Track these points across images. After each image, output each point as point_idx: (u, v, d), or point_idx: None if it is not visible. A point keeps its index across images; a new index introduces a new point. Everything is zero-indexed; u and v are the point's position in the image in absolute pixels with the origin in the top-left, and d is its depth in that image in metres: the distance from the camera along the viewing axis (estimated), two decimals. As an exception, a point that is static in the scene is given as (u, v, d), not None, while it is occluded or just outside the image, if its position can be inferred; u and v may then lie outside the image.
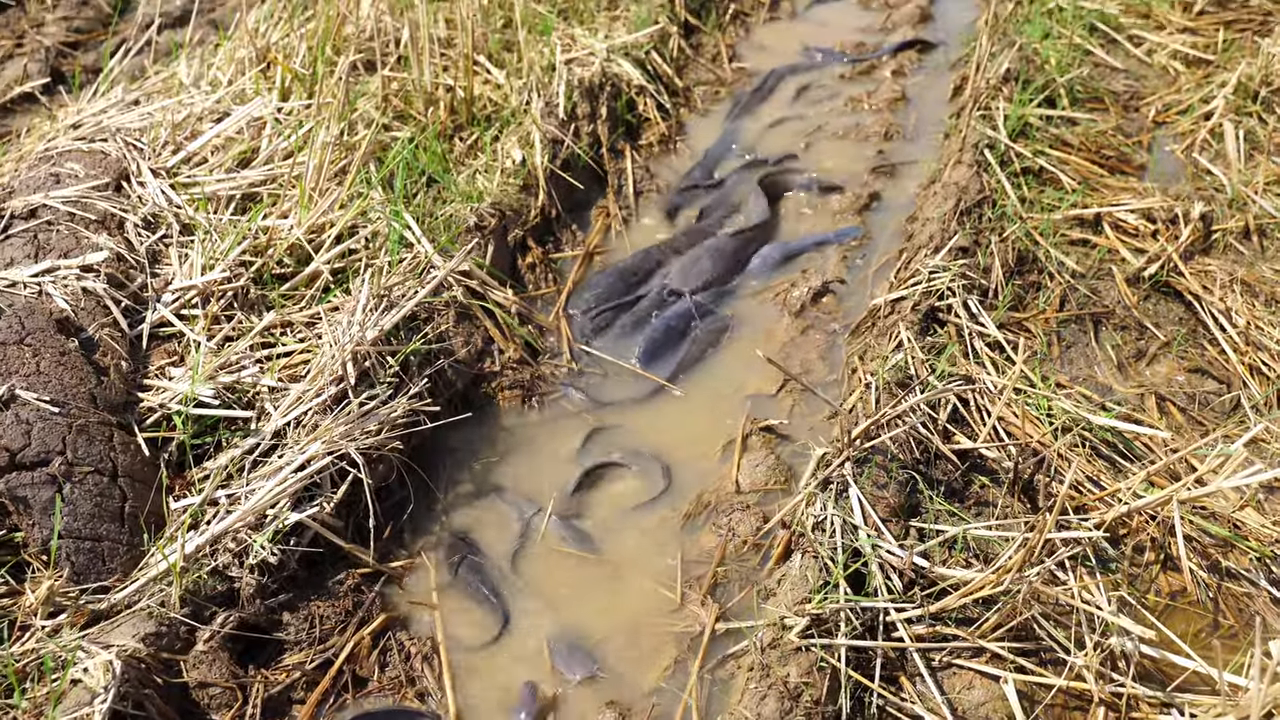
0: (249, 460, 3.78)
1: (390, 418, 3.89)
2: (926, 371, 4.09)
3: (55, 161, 4.92)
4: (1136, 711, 3.21)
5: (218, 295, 4.34)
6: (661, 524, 3.94)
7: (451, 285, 4.51)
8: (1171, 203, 5.09)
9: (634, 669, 3.47)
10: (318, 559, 3.71)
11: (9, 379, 3.71)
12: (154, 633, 3.33)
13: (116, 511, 3.61)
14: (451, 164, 5.23)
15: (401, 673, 3.46)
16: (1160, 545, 3.68)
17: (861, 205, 5.50)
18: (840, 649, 3.22)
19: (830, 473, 3.69)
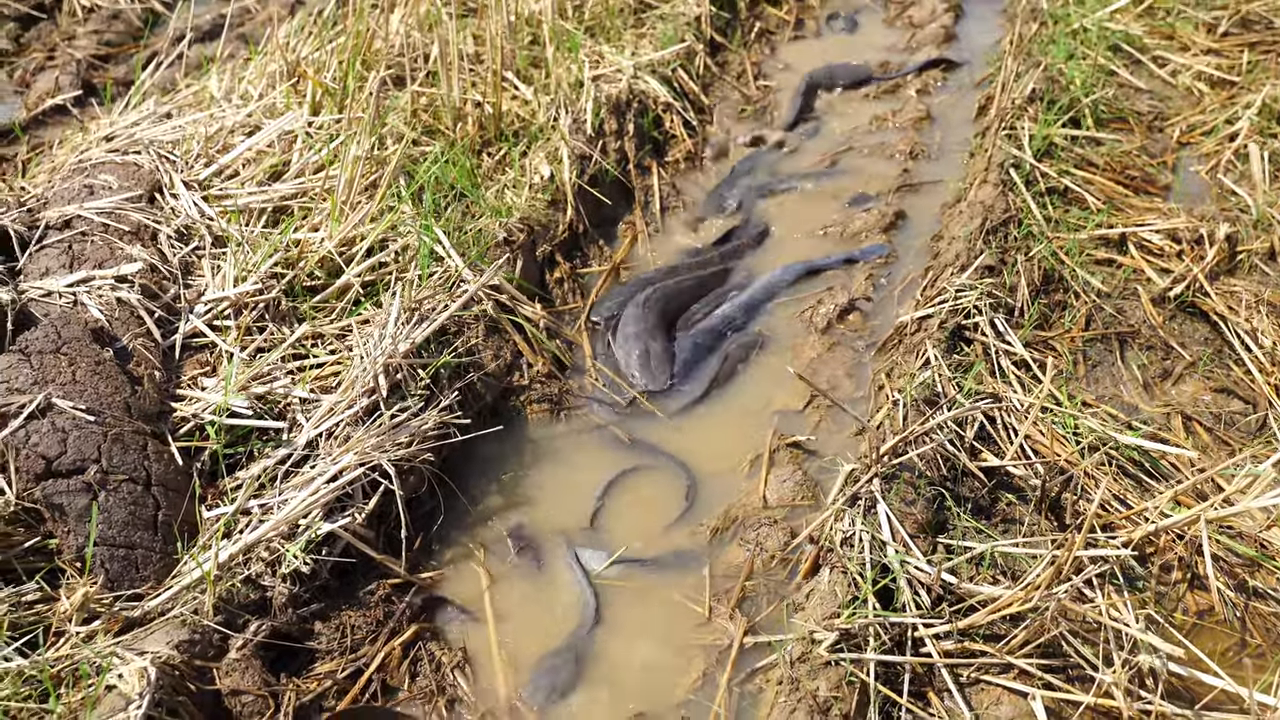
0: (281, 470, 3.81)
1: (421, 430, 3.92)
2: (953, 389, 4.10)
3: (89, 173, 4.96)
4: (1164, 728, 3.21)
5: (250, 307, 4.38)
6: (689, 539, 3.95)
7: (481, 299, 4.54)
8: (1197, 223, 5.09)
9: (664, 680, 3.48)
10: (349, 569, 3.73)
11: (46, 388, 3.74)
12: (187, 640, 3.35)
13: (150, 520, 3.63)
14: (480, 179, 5.26)
15: (432, 682, 3.48)
16: (1187, 564, 3.68)
17: (887, 224, 5.51)
18: (869, 663, 3.23)
19: (858, 489, 3.70)
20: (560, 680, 3.46)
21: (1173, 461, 4.02)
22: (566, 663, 3.51)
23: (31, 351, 3.85)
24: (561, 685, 3.45)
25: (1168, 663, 3.27)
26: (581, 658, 3.52)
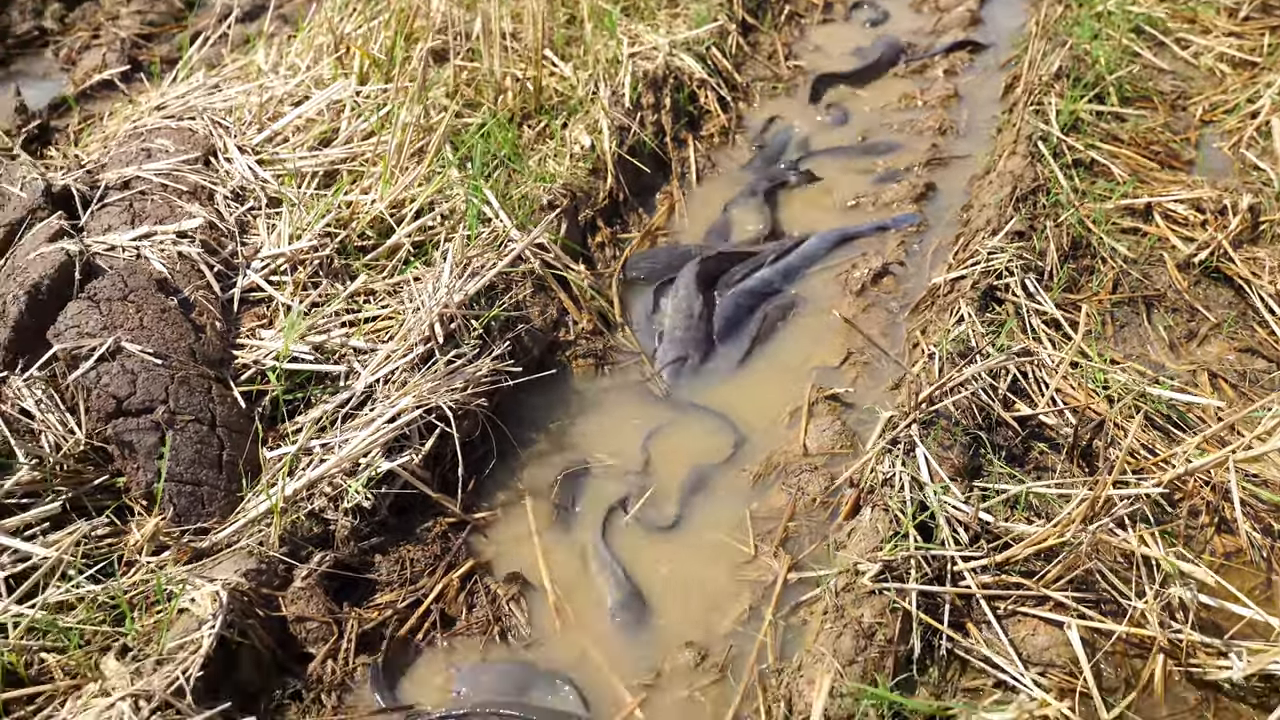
0: (340, 414, 3.94)
1: (475, 376, 4.05)
2: (986, 344, 4.21)
3: (145, 138, 5.10)
4: (1194, 658, 3.32)
5: (305, 263, 4.51)
6: (733, 484, 4.08)
7: (529, 258, 4.66)
8: (1220, 194, 5.20)
9: (711, 614, 3.60)
10: (407, 508, 3.86)
11: (115, 332, 3.87)
12: (254, 569, 3.48)
13: (215, 459, 3.77)
14: (521, 150, 5.38)
15: (489, 613, 3.60)
16: (1215, 508, 3.79)
17: (918, 194, 5.63)
18: (911, 593, 3.35)
19: (897, 433, 3.82)
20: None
21: (1199, 414, 4.12)
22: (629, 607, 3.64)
23: (100, 299, 3.99)
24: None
25: (1198, 594, 3.38)
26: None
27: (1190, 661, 3.33)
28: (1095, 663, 3.30)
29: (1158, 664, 3.33)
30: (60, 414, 3.84)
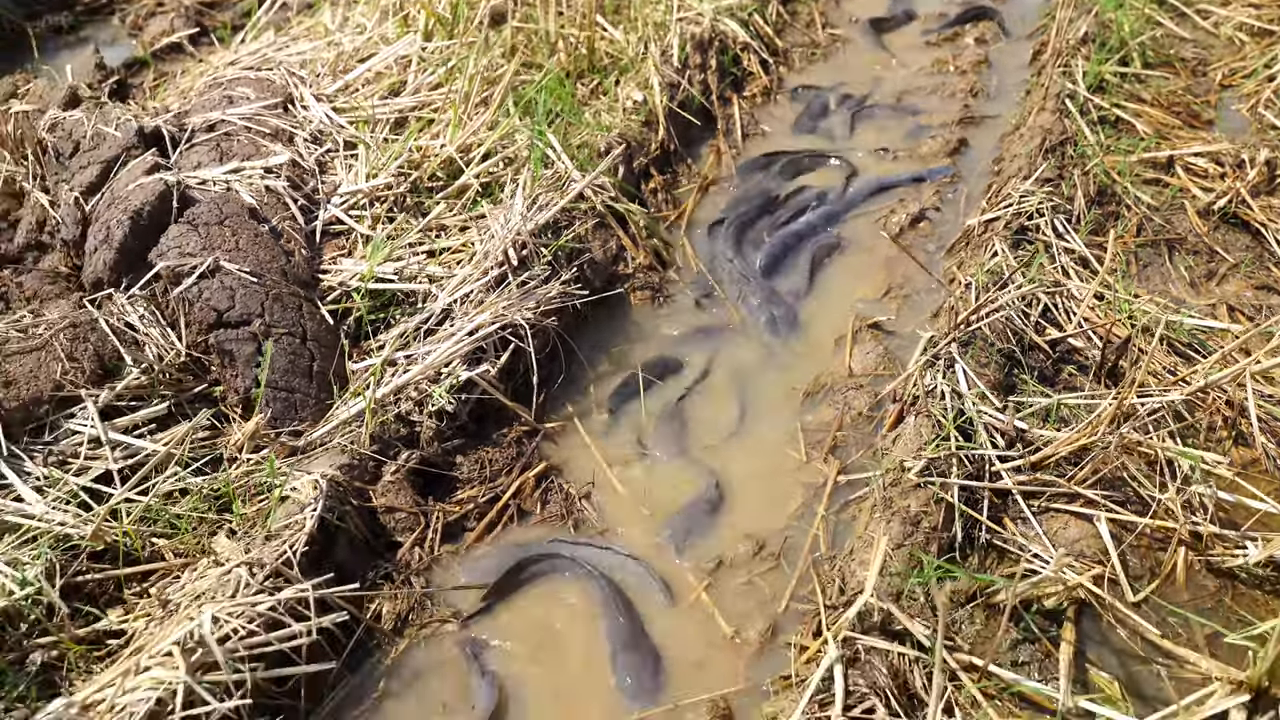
0: (421, 331, 4.22)
1: (546, 296, 4.33)
2: (1020, 276, 4.47)
3: (226, 87, 5.38)
4: (1213, 549, 3.57)
5: (381, 200, 4.78)
6: (785, 401, 4.35)
7: (590, 196, 4.94)
8: (1239, 149, 5.45)
9: (767, 511, 3.87)
10: (484, 416, 4.14)
11: (214, 253, 4.16)
12: (347, 464, 3.76)
13: (306, 369, 4.05)
14: (577, 104, 5.66)
15: (561, 508, 3.88)
16: (1232, 423, 4.03)
17: (951, 149, 5.89)
18: (953, 487, 3.61)
19: (938, 350, 4.08)
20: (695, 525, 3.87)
21: (1218, 342, 4.37)
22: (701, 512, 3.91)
23: (198, 223, 4.27)
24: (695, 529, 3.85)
25: (1217, 491, 3.64)
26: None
27: (1209, 552, 3.58)
28: (1122, 552, 3.54)
29: (1179, 555, 3.58)
30: (161, 328, 4.12)
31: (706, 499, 3.91)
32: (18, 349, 3.84)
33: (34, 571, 3.29)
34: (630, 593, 3.56)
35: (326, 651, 3.30)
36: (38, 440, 3.75)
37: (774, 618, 3.50)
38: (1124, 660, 3.31)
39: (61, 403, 3.84)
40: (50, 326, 3.96)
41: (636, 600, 3.55)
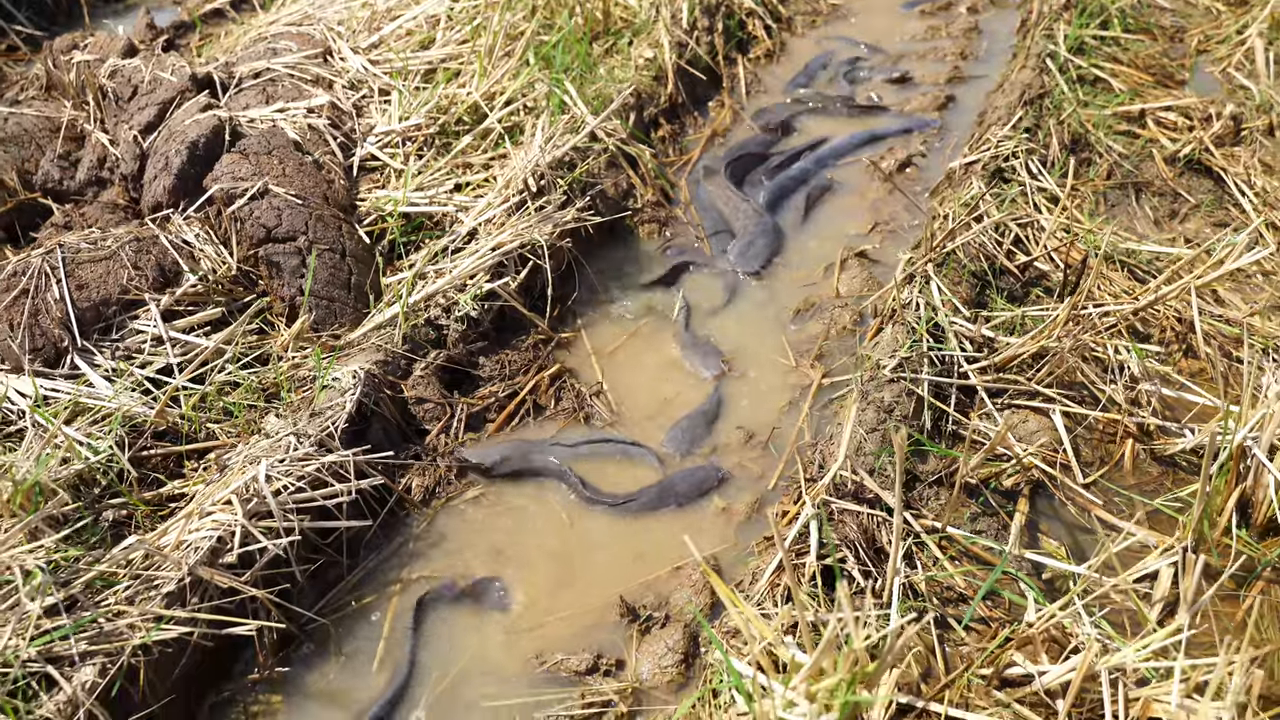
0: (448, 250, 4.61)
1: (562, 220, 4.71)
2: (995, 210, 4.84)
3: (270, 41, 5.78)
4: (1157, 440, 3.94)
5: (412, 139, 5.17)
6: (776, 317, 4.73)
7: (603, 138, 5.33)
8: (1206, 104, 5.81)
9: (757, 408, 4.26)
10: (504, 324, 4.53)
11: (263, 177, 4.55)
12: (382, 360, 4.15)
13: (345, 281, 4.44)
14: (592, 62, 6.05)
15: (574, 404, 4.27)
16: (1182, 337, 4.40)
17: (939, 105, 6.27)
18: (924, 382, 3.98)
19: (915, 269, 4.46)
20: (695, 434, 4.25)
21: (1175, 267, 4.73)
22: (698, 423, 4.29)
23: (249, 152, 4.66)
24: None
25: (1161, 388, 4.01)
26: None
27: (1153, 443, 3.95)
28: (1075, 442, 3.91)
29: (1126, 446, 3.95)
30: (215, 245, 4.51)
31: (704, 410, 4.27)
32: (89, 258, 4.24)
33: (106, 444, 3.68)
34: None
35: (364, 513, 3.69)
36: (106, 337, 4.15)
37: (761, 493, 3.88)
38: (1071, 531, 3.68)
39: (127, 305, 4.23)
40: (118, 240, 4.36)
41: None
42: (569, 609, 3.50)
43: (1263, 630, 3.36)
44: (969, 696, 3.11)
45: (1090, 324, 4.08)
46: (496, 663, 3.35)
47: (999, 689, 3.11)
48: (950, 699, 3.05)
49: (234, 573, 3.29)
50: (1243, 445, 3.56)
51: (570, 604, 3.52)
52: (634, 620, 3.44)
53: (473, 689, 3.27)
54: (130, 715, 3.06)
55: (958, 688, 3.10)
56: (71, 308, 4.08)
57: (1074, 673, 2.98)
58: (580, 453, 4.01)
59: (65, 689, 2.98)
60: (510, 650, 3.37)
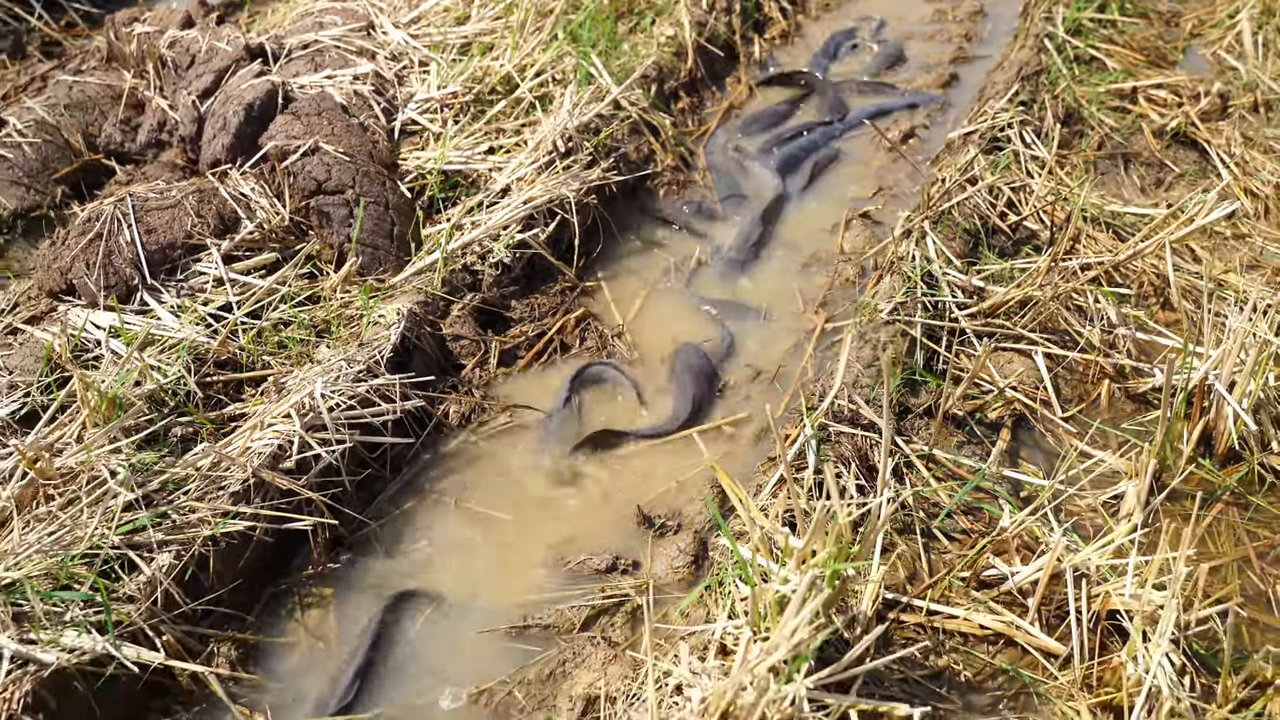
0: (483, 205, 4.97)
1: (588, 178, 5.07)
2: (989, 174, 5.17)
3: (316, 15, 6.14)
4: (1131, 380, 4.27)
5: (449, 106, 5.53)
6: (784, 269, 5.08)
7: (626, 106, 5.68)
8: (1195, 82, 6.13)
9: (764, 349, 4.60)
10: (533, 272, 4.87)
11: (314, 136, 4.90)
12: (423, 301, 4.50)
13: (388, 231, 4.79)
14: (617, 39, 6.40)
15: (597, 344, 4.62)
16: (1160, 291, 4.72)
17: (943, 82, 6.59)
18: (917, 325, 4.32)
19: (912, 226, 4.79)
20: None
21: (1155, 227, 5.05)
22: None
23: (300, 113, 5.02)
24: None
25: (1135, 332, 4.34)
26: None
27: (1128, 382, 4.28)
28: (1055, 381, 4.24)
29: (1103, 386, 4.28)
30: (269, 198, 4.87)
31: (720, 348, 4.62)
32: (156, 205, 4.60)
33: (175, 368, 4.05)
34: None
35: (407, 433, 4.05)
36: (172, 277, 4.51)
37: (765, 422, 4.23)
38: (1049, 459, 3.99)
39: (190, 249, 4.59)
40: (182, 191, 4.72)
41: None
42: (588, 519, 3.87)
43: (1218, 544, 3.68)
44: (949, 596, 3.44)
45: (1071, 273, 4.40)
46: (522, 565, 3.71)
47: (977, 590, 3.44)
48: (932, 597, 3.39)
49: (292, 477, 3.65)
50: (1205, 381, 3.87)
51: (588, 515, 3.89)
52: (649, 528, 3.78)
53: (501, 586, 3.64)
54: (201, 597, 3.42)
55: (939, 588, 3.43)
56: (141, 250, 4.43)
57: (1041, 571, 3.30)
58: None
59: (145, 571, 3.34)
60: (535, 554, 3.73)
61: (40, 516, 3.46)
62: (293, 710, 3.33)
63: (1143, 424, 4.11)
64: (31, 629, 3.15)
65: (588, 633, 3.48)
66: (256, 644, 3.51)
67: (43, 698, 3.08)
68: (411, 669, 3.43)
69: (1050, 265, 4.35)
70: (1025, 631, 3.30)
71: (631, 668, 3.25)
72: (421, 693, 3.37)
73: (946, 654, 3.30)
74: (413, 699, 3.35)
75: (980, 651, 3.32)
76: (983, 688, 3.24)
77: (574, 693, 3.24)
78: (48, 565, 3.27)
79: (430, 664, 3.45)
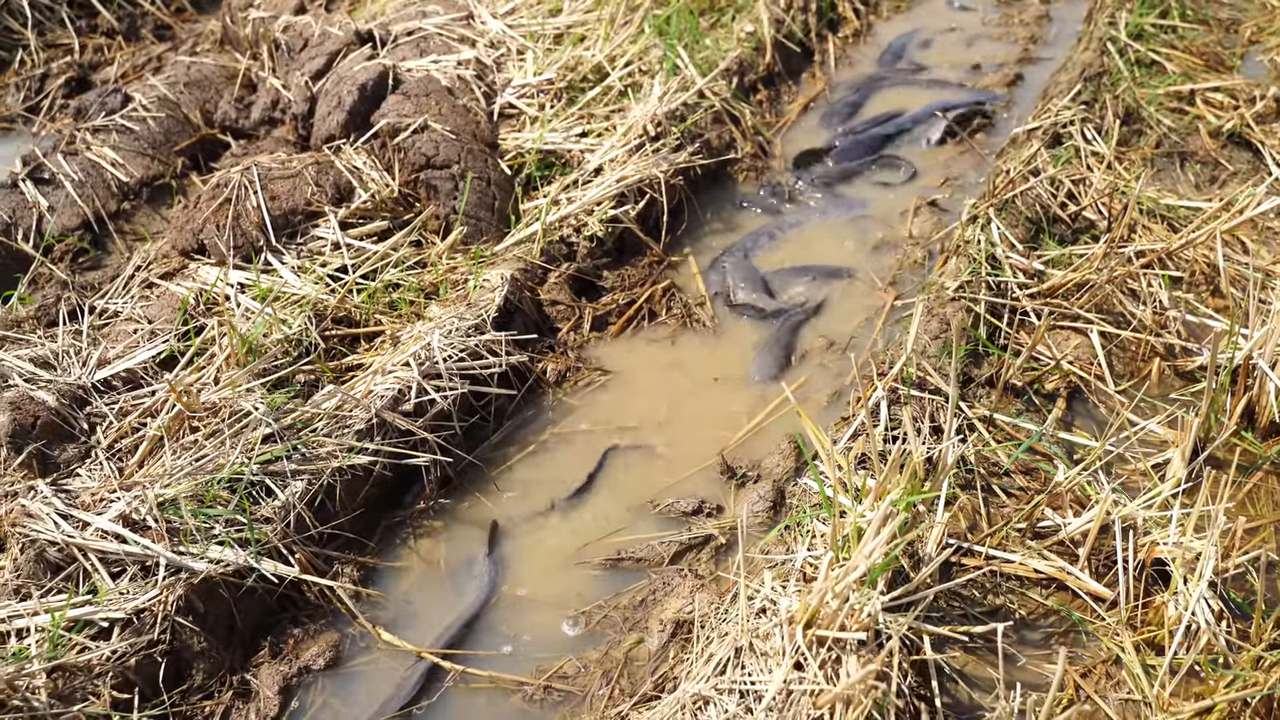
0: (578, 183, 5.31)
1: (675, 160, 5.40)
2: (1051, 167, 5.45)
3: (419, 4, 6.51)
4: (1180, 359, 4.54)
5: (545, 92, 5.88)
6: (859, 251, 5.39)
7: (709, 96, 6.01)
8: (1253, 86, 6.38)
9: (840, 323, 4.92)
10: (624, 246, 5.21)
11: (423, 115, 5.26)
12: (523, 268, 4.85)
13: (490, 205, 5.14)
14: (700, 33, 6.73)
15: (681, 312, 4.95)
16: (1210, 279, 4.98)
17: (1008, 81, 6.88)
18: (981, 302, 4.62)
19: (978, 212, 5.08)
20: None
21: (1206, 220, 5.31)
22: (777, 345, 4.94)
23: (410, 94, 5.38)
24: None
25: (1185, 314, 4.62)
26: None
27: (1177, 361, 4.55)
28: (1109, 357, 4.52)
29: (1154, 363, 4.55)
30: (380, 171, 5.23)
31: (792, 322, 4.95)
32: (279, 174, 4.97)
33: (299, 321, 4.42)
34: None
35: (510, 386, 4.41)
36: (293, 241, 4.88)
37: (839, 387, 4.55)
38: (1102, 428, 4.28)
39: (309, 215, 4.96)
40: (301, 162, 5.09)
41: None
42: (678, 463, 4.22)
43: (1257, 507, 3.96)
44: (1006, 544, 3.74)
45: (1126, 259, 4.69)
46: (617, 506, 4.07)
47: (1032, 539, 3.74)
48: (991, 544, 3.70)
49: (410, 419, 4.01)
50: (1249, 360, 4.15)
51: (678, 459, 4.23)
52: (732, 478, 4.12)
53: (595, 526, 4.00)
54: (328, 522, 3.78)
55: (998, 536, 3.74)
56: (266, 214, 4.81)
57: (1092, 523, 3.61)
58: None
59: (281, 496, 3.70)
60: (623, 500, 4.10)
61: (187, 445, 3.82)
62: (406, 625, 3.68)
63: (1190, 396, 4.37)
64: (183, 542, 3.51)
65: (676, 566, 3.80)
66: (375, 567, 3.85)
67: (193, 602, 3.44)
68: (529, 599, 3.79)
69: (1107, 251, 4.62)
70: (1075, 576, 3.59)
71: (717, 595, 3.57)
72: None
73: (1003, 595, 3.59)
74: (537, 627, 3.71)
75: (1034, 594, 3.61)
76: (1035, 625, 3.54)
77: (664, 616, 3.57)
78: (195, 487, 3.63)
79: (543, 594, 3.79)
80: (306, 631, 3.61)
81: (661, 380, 4.61)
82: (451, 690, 3.49)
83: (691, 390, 4.56)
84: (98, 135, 5.64)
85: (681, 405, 4.48)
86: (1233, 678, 3.24)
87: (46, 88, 6.60)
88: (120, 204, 5.39)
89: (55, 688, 3.16)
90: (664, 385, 4.59)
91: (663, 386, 4.58)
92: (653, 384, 4.60)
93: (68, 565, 3.43)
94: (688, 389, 4.56)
